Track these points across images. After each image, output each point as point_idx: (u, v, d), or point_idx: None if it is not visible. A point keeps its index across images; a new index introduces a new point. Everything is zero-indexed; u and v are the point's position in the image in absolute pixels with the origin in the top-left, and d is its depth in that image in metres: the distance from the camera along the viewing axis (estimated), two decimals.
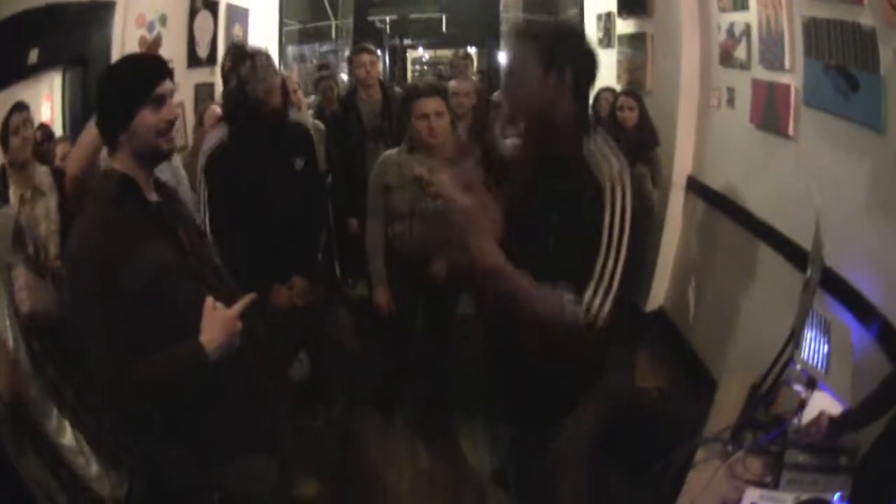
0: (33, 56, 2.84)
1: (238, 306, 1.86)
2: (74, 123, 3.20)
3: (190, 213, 2.22)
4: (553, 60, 1.96)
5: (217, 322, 1.81)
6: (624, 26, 5.57)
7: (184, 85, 4.77)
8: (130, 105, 1.80)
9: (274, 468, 2.37)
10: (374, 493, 3.37)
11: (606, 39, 5.88)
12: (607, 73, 5.65)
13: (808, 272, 2.46)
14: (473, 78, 6.01)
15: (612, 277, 1.96)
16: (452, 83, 4.86)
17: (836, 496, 1.83)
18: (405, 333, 3.80)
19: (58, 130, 3.18)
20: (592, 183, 1.97)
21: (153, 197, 1.93)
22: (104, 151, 2.18)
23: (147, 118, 1.80)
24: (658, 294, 5.04)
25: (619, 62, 5.61)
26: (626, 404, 3.51)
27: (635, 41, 5.26)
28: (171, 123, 1.86)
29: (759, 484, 2.04)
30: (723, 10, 4.05)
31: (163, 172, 2.41)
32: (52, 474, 2.30)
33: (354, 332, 4.68)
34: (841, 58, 2.89)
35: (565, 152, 2.03)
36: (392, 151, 3.50)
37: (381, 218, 3.51)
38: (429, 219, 3.39)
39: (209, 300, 1.83)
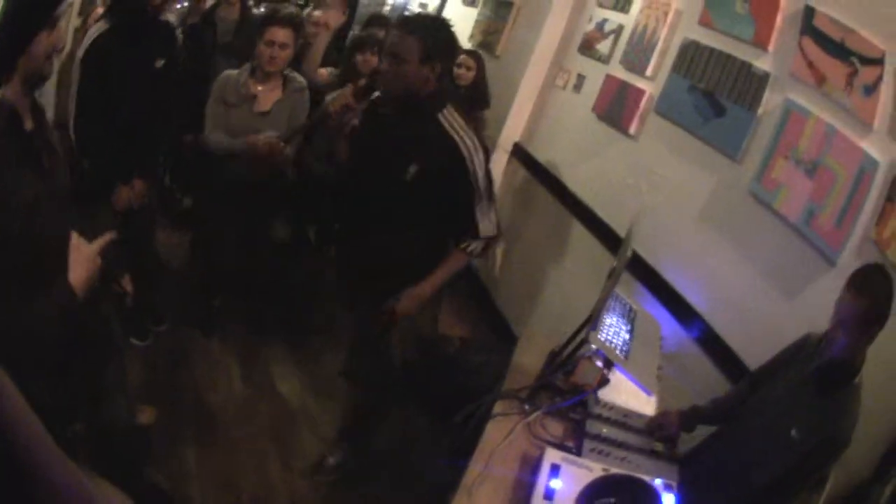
0: None
1: (98, 243, 1.81)
2: None
3: (50, 131, 2.11)
4: (428, 55, 2.38)
5: (82, 260, 1.75)
6: None
7: None
8: (33, 27, 1.67)
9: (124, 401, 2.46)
10: (200, 417, 3.29)
11: None
12: (463, 27, 5.62)
13: (615, 262, 2.65)
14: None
15: (488, 229, 2.58)
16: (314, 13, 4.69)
17: (659, 481, 1.90)
18: (225, 250, 3.75)
19: None
20: (449, 146, 2.44)
21: (29, 124, 1.84)
22: None
23: (43, 41, 1.69)
24: None
25: (477, 21, 5.56)
26: (429, 350, 3.61)
27: (501, 7, 5.23)
28: (56, 48, 1.78)
29: (561, 446, 2.13)
30: (600, 5, 4.19)
31: None
32: None
33: (178, 247, 4.45)
34: (713, 85, 3.13)
35: (424, 116, 2.47)
36: (234, 71, 3.49)
37: (219, 126, 3.47)
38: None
39: (74, 237, 1.76)
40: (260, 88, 3.44)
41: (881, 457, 1.98)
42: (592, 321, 2.30)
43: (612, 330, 2.55)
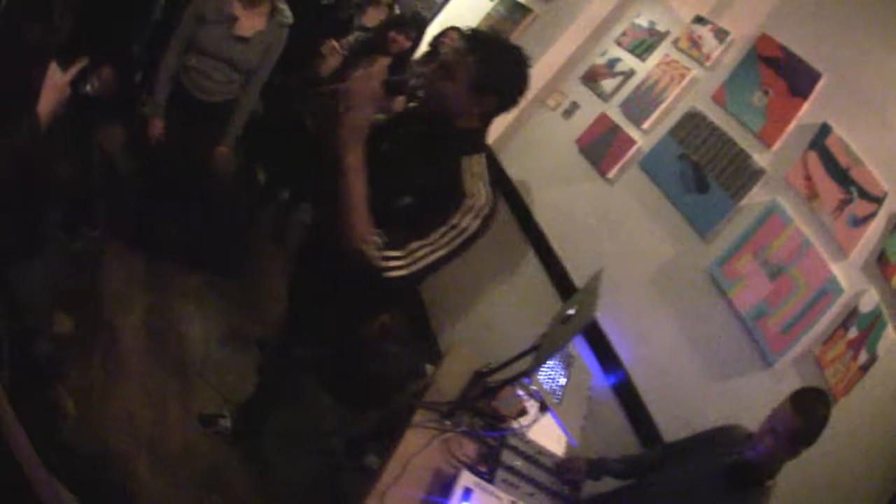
0: None
1: (69, 73, 1.90)
2: None
3: None
4: (481, 85, 2.11)
5: (51, 89, 1.81)
6: None
7: None
8: None
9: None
10: (106, 335, 3.35)
11: None
12: (471, 16, 5.84)
13: (573, 309, 2.75)
14: None
15: (419, 260, 2.13)
16: None
17: None
18: (166, 170, 3.82)
19: None
20: (455, 190, 2.14)
21: None
22: None
23: None
24: None
25: (488, 15, 5.76)
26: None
27: (517, 10, 5.44)
28: None
29: (475, 470, 2.33)
30: (618, 44, 4.47)
31: None
32: None
33: (126, 149, 4.46)
34: (706, 161, 3.43)
35: (447, 153, 2.19)
36: None
37: (184, 44, 3.49)
38: (224, 63, 3.50)
39: (52, 68, 1.82)
40: (244, 11, 3.42)
41: None
42: (538, 362, 2.45)
43: (550, 374, 2.78)
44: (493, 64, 2.13)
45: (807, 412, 2.05)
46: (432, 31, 4.95)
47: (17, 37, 1.72)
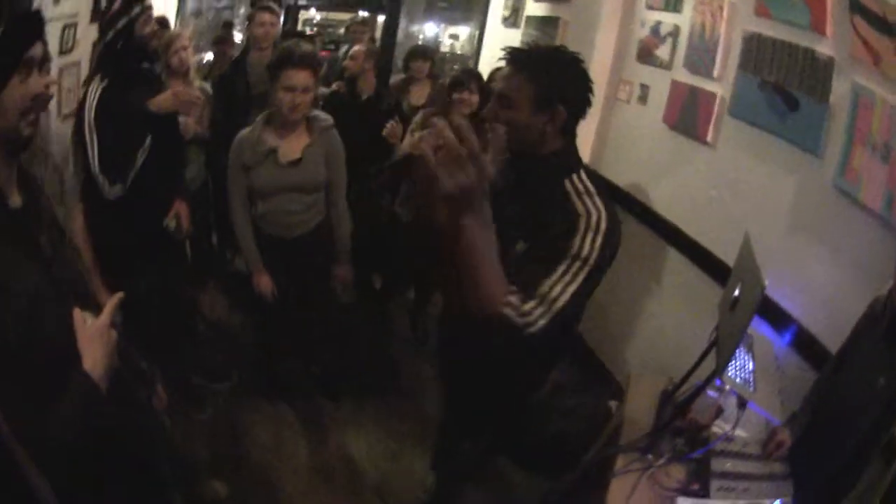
0: None
1: (106, 313, 1.72)
2: None
3: (51, 207, 1.96)
4: (544, 101, 2.15)
5: (94, 339, 1.64)
6: (535, 8, 5.92)
7: (85, 41, 4.53)
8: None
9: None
10: (267, 488, 3.53)
11: (513, 19, 6.24)
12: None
13: (737, 290, 2.60)
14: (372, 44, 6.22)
15: (555, 301, 2.06)
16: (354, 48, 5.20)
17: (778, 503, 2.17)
18: (282, 315, 3.98)
19: None
20: (566, 212, 2.17)
21: (16, 201, 1.72)
22: None
23: (14, 91, 1.58)
24: None
25: (522, 42, 5.88)
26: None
27: (546, 25, 5.59)
28: (39, 102, 1.64)
29: (688, 492, 2.34)
30: (650, 7, 4.50)
31: None
32: None
33: (230, 310, 4.83)
34: (782, 78, 3.37)
35: (546, 180, 2.25)
36: (246, 130, 3.65)
37: (244, 199, 3.69)
38: (291, 192, 3.66)
39: (77, 315, 1.66)
40: (279, 137, 3.57)
41: None
42: (724, 359, 2.37)
43: (738, 363, 2.70)
44: (547, 74, 2.16)
45: None
46: None
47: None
